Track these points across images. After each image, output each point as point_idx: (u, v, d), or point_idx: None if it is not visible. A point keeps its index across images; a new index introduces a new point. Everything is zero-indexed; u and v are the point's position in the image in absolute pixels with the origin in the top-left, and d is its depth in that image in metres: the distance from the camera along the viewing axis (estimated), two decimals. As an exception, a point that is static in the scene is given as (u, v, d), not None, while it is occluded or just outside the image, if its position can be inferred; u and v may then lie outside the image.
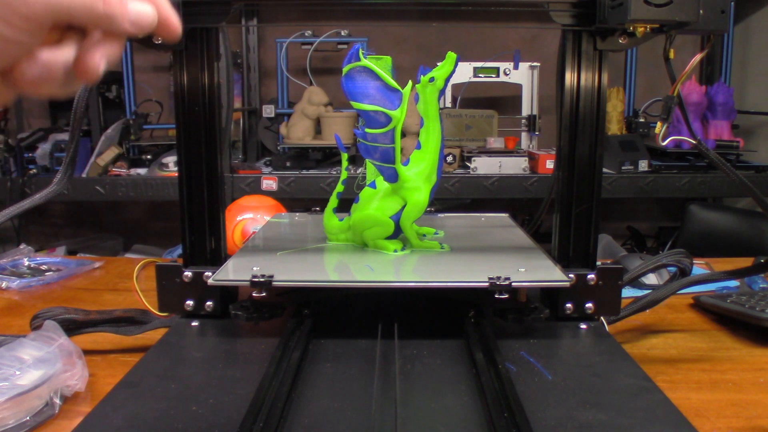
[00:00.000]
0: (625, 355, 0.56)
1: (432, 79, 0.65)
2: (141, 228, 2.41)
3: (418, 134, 0.68)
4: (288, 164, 1.84)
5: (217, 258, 0.65)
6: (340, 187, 0.72)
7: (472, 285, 0.58)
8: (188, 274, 0.62)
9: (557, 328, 0.62)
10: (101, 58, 0.33)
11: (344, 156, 0.73)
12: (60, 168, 0.60)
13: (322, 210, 0.74)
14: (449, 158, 1.77)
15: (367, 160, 0.67)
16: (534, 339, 0.59)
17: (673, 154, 1.84)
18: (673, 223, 2.23)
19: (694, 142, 0.63)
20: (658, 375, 0.57)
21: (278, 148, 1.92)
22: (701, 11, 0.55)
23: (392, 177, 0.65)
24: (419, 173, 0.66)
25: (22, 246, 1.05)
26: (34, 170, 1.82)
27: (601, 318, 0.64)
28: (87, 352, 0.58)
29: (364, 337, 0.59)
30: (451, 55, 0.64)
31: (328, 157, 1.88)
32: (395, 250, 0.67)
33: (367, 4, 0.93)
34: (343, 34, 1.96)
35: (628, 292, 0.72)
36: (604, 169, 0.64)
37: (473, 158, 1.75)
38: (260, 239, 0.78)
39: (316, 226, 0.83)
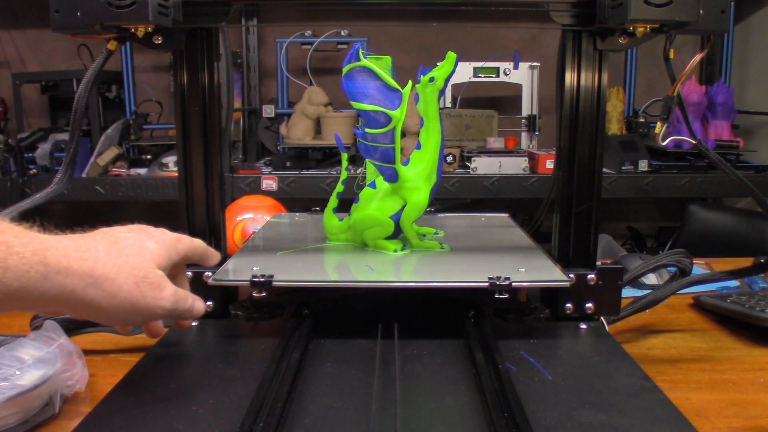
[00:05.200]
0: (625, 355, 0.56)
1: (432, 79, 0.65)
2: (141, 228, 2.41)
3: (418, 134, 0.68)
4: (288, 164, 1.84)
5: (217, 258, 0.65)
6: (340, 187, 0.72)
7: (472, 285, 0.58)
8: (188, 273, 0.62)
9: (557, 328, 0.62)
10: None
11: (344, 156, 0.73)
12: (60, 168, 0.60)
13: (322, 210, 0.74)
14: (449, 158, 1.77)
15: (367, 160, 0.67)
16: (534, 339, 0.59)
17: (673, 154, 1.84)
18: (673, 223, 2.23)
19: (694, 142, 0.63)
20: (658, 375, 0.57)
21: (278, 148, 1.92)
22: (701, 11, 0.55)
23: (392, 177, 0.65)
24: (419, 173, 0.66)
25: (22, 246, 1.05)
26: (34, 170, 1.82)
27: (601, 318, 0.64)
28: (87, 352, 0.58)
29: (364, 337, 0.59)
30: (451, 55, 0.64)
31: (328, 157, 1.88)
32: (395, 250, 0.67)
33: (367, 4, 0.93)
34: (343, 34, 1.96)
35: (628, 292, 0.72)
36: (604, 169, 0.64)
37: (473, 158, 1.75)
38: (260, 239, 0.78)
39: (316, 226, 0.83)
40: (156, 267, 0.48)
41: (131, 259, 0.46)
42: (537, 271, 0.61)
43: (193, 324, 0.62)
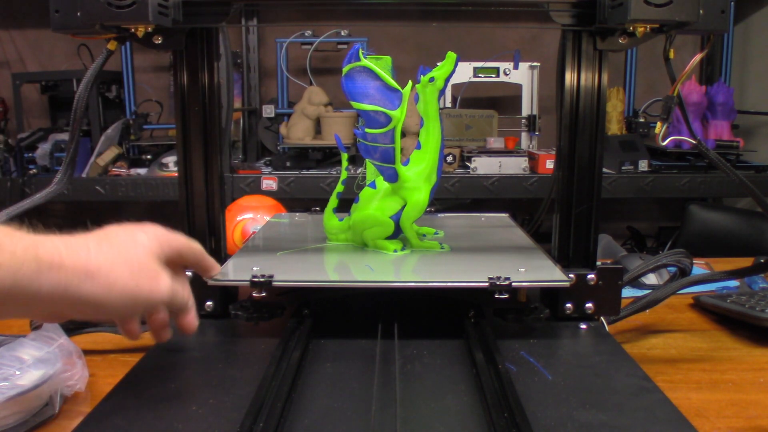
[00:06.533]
0: (625, 355, 0.56)
1: (432, 79, 0.65)
2: (141, 228, 2.40)
3: (418, 134, 0.68)
4: (288, 164, 1.84)
5: (217, 258, 0.65)
6: (340, 187, 0.72)
7: (472, 285, 0.58)
8: (188, 273, 0.62)
9: (557, 328, 0.62)
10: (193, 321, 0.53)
11: (344, 156, 0.73)
12: (60, 168, 0.60)
13: (322, 210, 0.74)
14: (449, 158, 1.77)
15: (367, 160, 0.67)
16: (534, 339, 0.59)
17: (673, 154, 1.84)
18: (673, 223, 2.23)
19: (694, 142, 0.63)
20: (658, 375, 0.57)
21: (278, 148, 1.92)
22: (701, 11, 0.55)
23: (392, 177, 0.65)
24: (419, 173, 0.66)
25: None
26: (34, 170, 1.82)
27: (601, 318, 0.64)
28: (87, 352, 0.58)
29: (364, 337, 0.59)
30: (451, 55, 0.64)
31: (328, 157, 1.88)
32: (395, 250, 0.67)
33: (367, 4, 0.93)
34: (343, 34, 1.96)
35: (628, 292, 0.72)
36: (604, 169, 0.64)
37: (473, 158, 1.75)
38: (260, 239, 0.78)
39: (316, 226, 0.83)
40: (149, 257, 0.47)
41: (124, 251, 0.46)
42: (537, 271, 0.61)
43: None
